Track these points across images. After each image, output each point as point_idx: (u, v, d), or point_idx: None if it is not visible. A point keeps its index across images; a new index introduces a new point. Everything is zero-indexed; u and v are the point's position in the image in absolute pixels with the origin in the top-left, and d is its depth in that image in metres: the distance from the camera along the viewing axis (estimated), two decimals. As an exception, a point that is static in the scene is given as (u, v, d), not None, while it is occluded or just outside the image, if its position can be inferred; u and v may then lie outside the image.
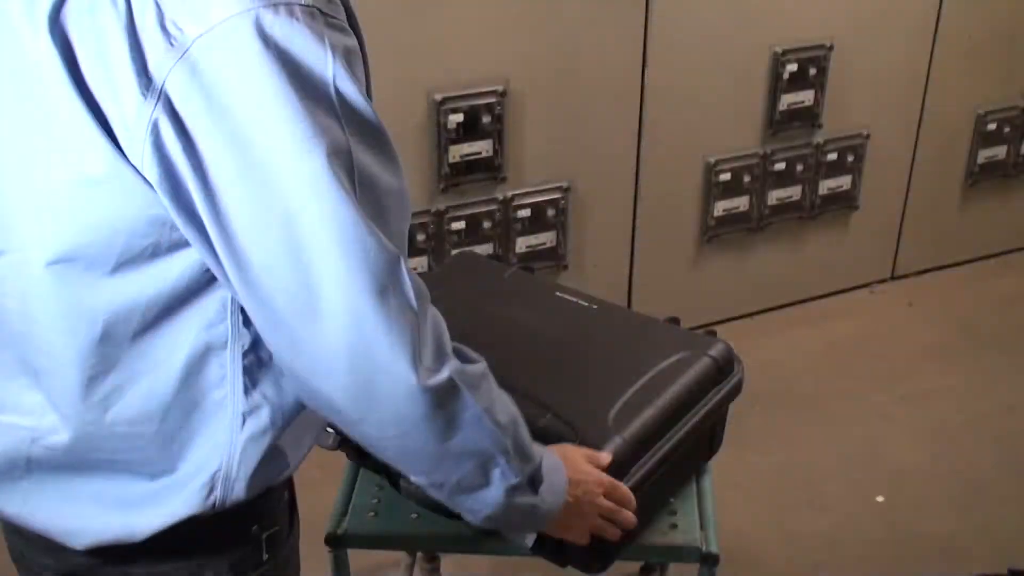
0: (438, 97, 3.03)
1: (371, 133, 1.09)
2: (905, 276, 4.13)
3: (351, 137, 1.06)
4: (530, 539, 1.54)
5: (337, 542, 1.70)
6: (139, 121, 1.02)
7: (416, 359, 1.09)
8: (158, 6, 1.01)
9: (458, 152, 3.09)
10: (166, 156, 1.03)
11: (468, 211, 3.17)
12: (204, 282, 1.11)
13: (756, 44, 3.45)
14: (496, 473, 1.24)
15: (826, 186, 3.76)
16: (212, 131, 1.02)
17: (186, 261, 1.10)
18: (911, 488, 3.05)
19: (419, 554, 2.38)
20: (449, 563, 2.51)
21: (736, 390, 1.80)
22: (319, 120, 1.03)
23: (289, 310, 1.07)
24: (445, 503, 1.29)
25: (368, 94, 1.14)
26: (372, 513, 1.74)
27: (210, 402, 1.16)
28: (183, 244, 1.09)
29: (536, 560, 1.62)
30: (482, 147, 3.08)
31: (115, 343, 1.12)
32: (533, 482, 1.31)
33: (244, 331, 1.14)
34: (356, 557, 1.78)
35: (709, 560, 1.67)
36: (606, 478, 1.49)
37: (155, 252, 1.09)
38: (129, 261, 1.09)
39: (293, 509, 1.38)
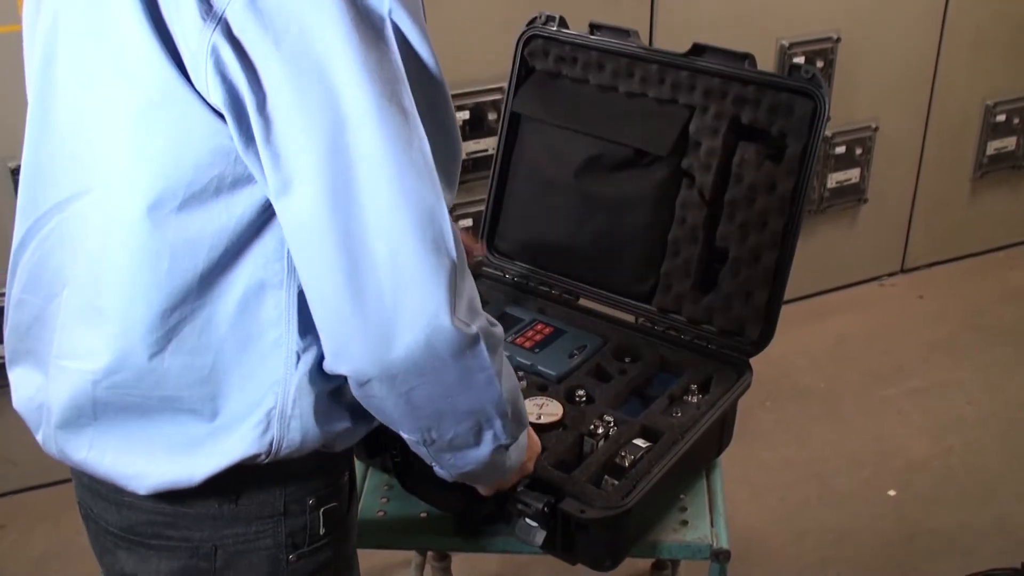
0: (444, 94, 3.02)
1: (424, 71, 1.11)
2: (915, 269, 4.13)
3: (406, 72, 1.07)
4: (540, 537, 1.54)
5: (354, 550, 1.69)
6: (200, 45, 1.04)
7: (452, 304, 1.10)
8: None
9: (465, 149, 3.08)
10: (227, 77, 1.04)
11: (475, 208, 3.16)
12: (265, 220, 1.13)
13: (763, 37, 3.44)
14: (489, 435, 1.27)
15: (835, 179, 3.75)
16: (272, 59, 1.03)
17: (249, 199, 1.11)
18: (922, 482, 3.05)
19: (429, 553, 2.38)
20: (459, 562, 2.51)
21: (746, 388, 1.80)
22: (376, 51, 1.04)
23: (323, 241, 1.08)
24: (425, 456, 1.31)
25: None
26: (381, 512, 1.74)
27: (266, 340, 1.18)
28: (245, 180, 1.11)
29: (546, 558, 1.61)
30: (488, 144, 3.07)
31: (181, 279, 1.14)
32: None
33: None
34: (366, 557, 1.77)
35: (720, 556, 1.67)
36: (539, 445, 1.54)
37: (219, 187, 1.11)
38: (195, 196, 1.11)
39: (352, 497, 1.40)
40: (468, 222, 3.17)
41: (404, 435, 1.26)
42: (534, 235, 2.04)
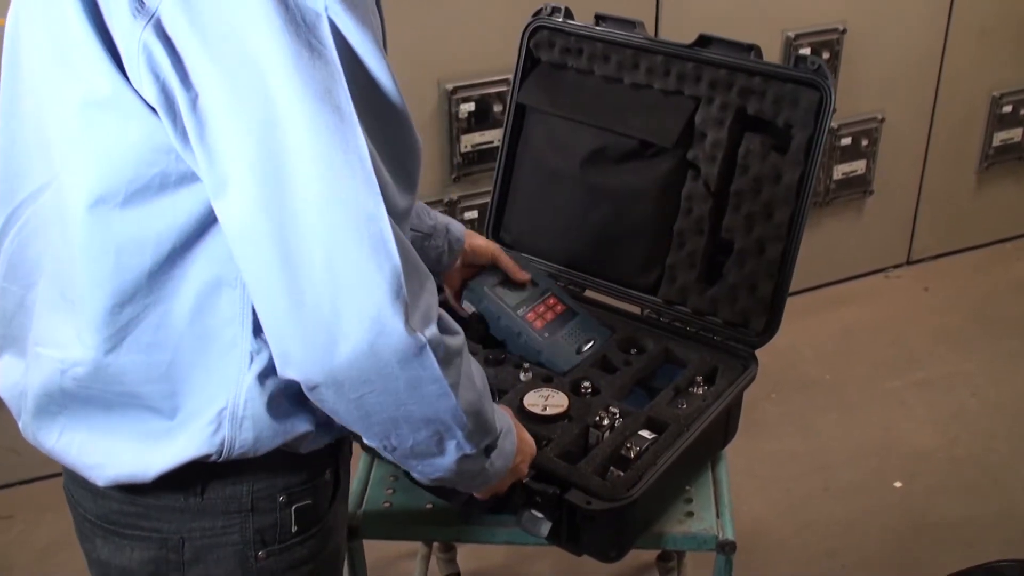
0: (449, 87, 3.03)
1: (365, 74, 1.07)
2: (920, 261, 4.12)
3: (346, 71, 1.04)
4: (545, 528, 1.54)
5: (352, 533, 1.70)
6: (132, 41, 1.03)
7: (398, 309, 1.07)
8: None
9: (470, 141, 3.09)
10: (160, 76, 1.03)
11: (481, 200, 3.16)
12: (214, 218, 1.11)
13: (769, 28, 3.43)
14: (451, 445, 1.24)
15: (840, 171, 3.74)
16: (202, 57, 1.02)
17: (196, 196, 1.10)
18: (928, 474, 3.04)
19: (435, 544, 2.38)
20: (464, 553, 2.51)
21: (751, 380, 1.80)
22: (308, 50, 1.02)
23: (257, 237, 1.06)
24: (395, 463, 1.29)
25: (383, 34, 1.14)
26: (387, 504, 1.74)
27: (222, 338, 1.17)
28: (191, 177, 1.09)
29: (551, 549, 1.62)
30: (494, 136, 3.07)
31: (130, 275, 1.14)
32: (487, 450, 1.33)
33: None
34: (372, 548, 1.78)
35: (726, 547, 1.67)
36: (534, 446, 1.52)
37: (163, 184, 1.10)
38: (138, 193, 1.10)
39: (335, 494, 1.38)
40: (473, 214, 3.17)
41: (365, 441, 1.24)
42: (539, 227, 2.04)
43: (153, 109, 1.06)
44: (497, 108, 3.05)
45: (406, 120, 1.12)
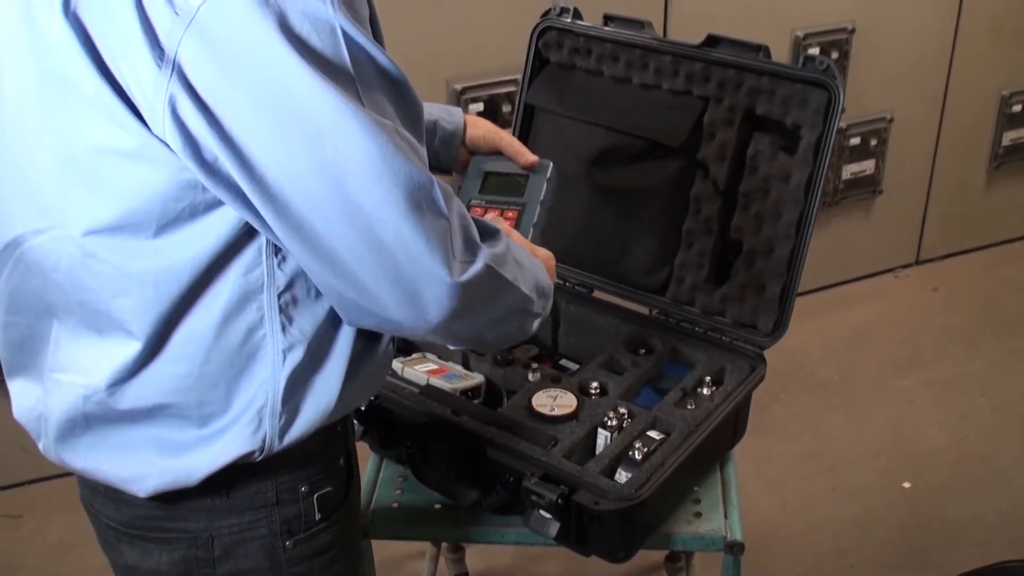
0: (458, 87, 3.03)
1: (381, 74, 1.12)
2: (930, 260, 4.11)
3: (360, 78, 1.09)
4: (554, 529, 1.54)
5: (361, 533, 1.70)
6: (156, 93, 1.05)
7: (449, 259, 1.15)
8: None
9: (479, 141, 3.09)
10: (184, 124, 1.06)
11: (489, 200, 3.16)
12: (243, 234, 1.15)
13: (777, 28, 3.43)
14: (528, 320, 1.34)
15: (849, 171, 3.74)
16: (228, 94, 1.04)
17: (225, 217, 1.14)
18: (937, 473, 3.04)
19: (444, 544, 2.39)
20: (473, 553, 2.51)
21: (760, 380, 1.80)
22: (328, 66, 1.06)
23: (333, 242, 1.11)
24: None
25: (377, 38, 1.17)
26: (395, 504, 1.74)
27: (251, 343, 1.21)
28: (219, 202, 1.12)
29: (559, 549, 1.62)
30: (502, 136, 3.07)
31: (170, 300, 1.16)
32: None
33: (279, 272, 1.19)
34: (381, 548, 1.78)
35: (734, 548, 1.67)
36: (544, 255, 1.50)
37: (193, 213, 1.13)
38: (169, 224, 1.13)
39: (351, 479, 1.43)
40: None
41: (453, 348, 1.33)
42: (548, 227, 2.03)
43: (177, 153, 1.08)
44: (506, 108, 3.05)
45: (408, 86, 1.16)
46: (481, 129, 1.75)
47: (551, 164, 1.67)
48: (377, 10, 1.20)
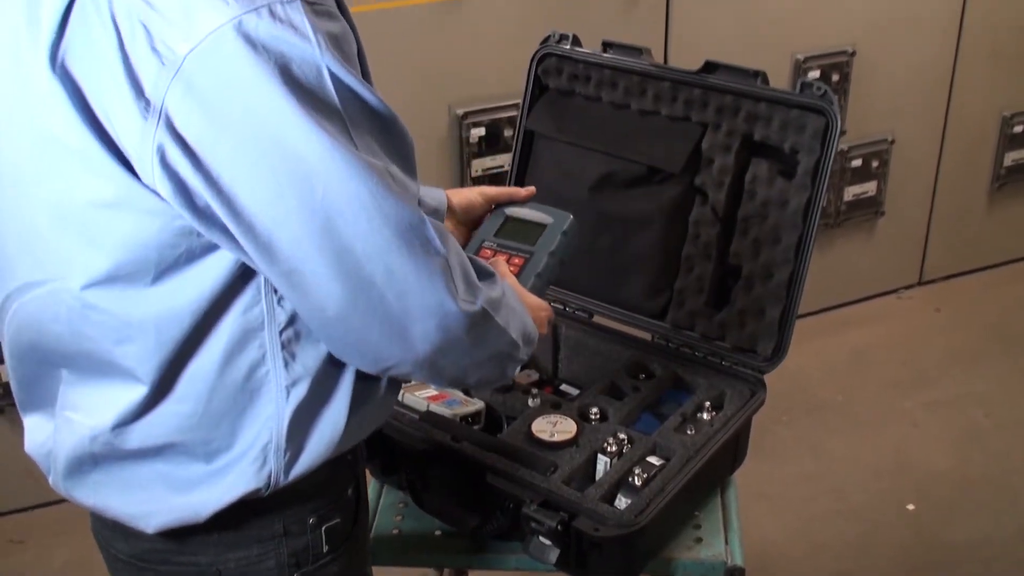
0: (460, 112, 3.05)
1: (370, 113, 1.13)
2: (932, 281, 4.12)
3: (350, 118, 1.10)
4: (553, 555, 1.54)
5: (369, 562, 1.70)
6: (143, 143, 1.06)
7: (451, 291, 1.17)
8: (146, 29, 1.04)
9: (480, 166, 3.11)
10: (175, 172, 1.06)
11: (491, 224, 3.17)
12: (241, 273, 1.16)
13: (778, 51, 3.45)
14: (510, 365, 1.35)
15: (851, 192, 3.75)
16: (216, 141, 1.05)
17: (222, 259, 1.14)
18: (941, 495, 3.04)
19: (446, 570, 2.38)
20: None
21: (760, 405, 1.80)
22: (318, 108, 1.06)
23: (323, 286, 1.12)
24: None
25: (365, 76, 1.19)
26: (396, 531, 1.74)
27: (254, 380, 1.21)
28: (215, 245, 1.13)
29: (560, 576, 1.62)
30: (504, 160, 3.08)
31: (169, 344, 1.17)
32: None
33: (279, 309, 1.19)
34: (381, 574, 1.78)
35: (735, 573, 1.66)
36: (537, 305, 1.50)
37: (190, 257, 1.13)
38: (167, 270, 1.14)
39: (358, 509, 1.43)
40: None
41: (434, 386, 1.33)
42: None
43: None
44: (508, 133, 3.07)
45: (397, 123, 1.17)
46: (466, 192, 1.72)
47: (571, 217, 1.65)
48: (364, 47, 1.21)
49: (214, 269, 1.14)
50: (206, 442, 1.22)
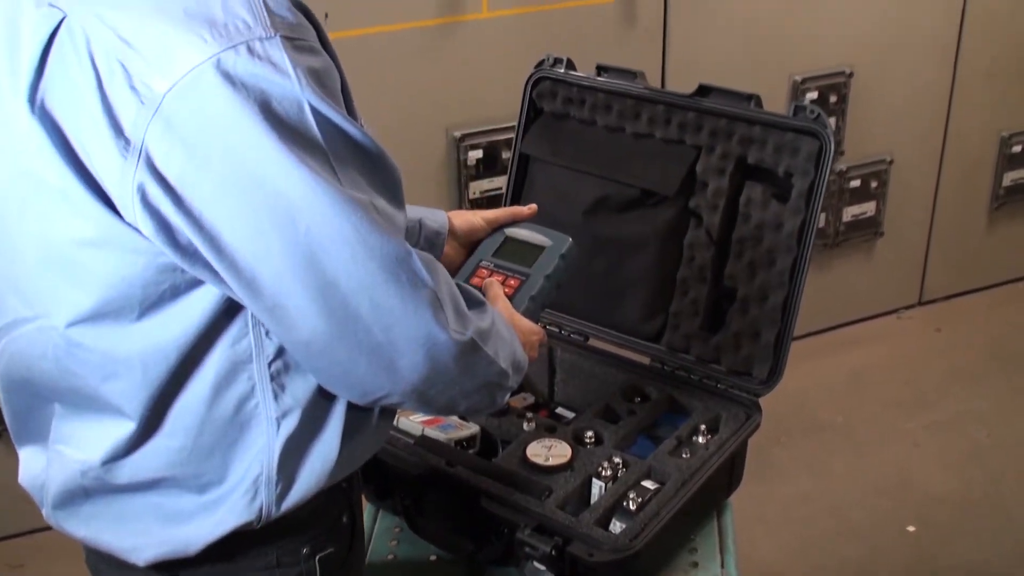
0: (457, 134, 3.05)
1: (354, 147, 1.12)
2: (932, 301, 4.11)
3: (333, 152, 1.09)
4: (549, 581, 1.54)
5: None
6: (123, 181, 1.05)
7: (441, 322, 1.16)
8: (124, 68, 1.04)
9: (478, 188, 3.11)
10: (156, 211, 1.06)
11: (490, 246, 3.17)
12: (227, 307, 1.15)
13: (775, 72, 3.45)
14: (499, 394, 1.33)
15: (850, 213, 3.75)
16: (197, 179, 1.05)
17: (207, 294, 1.14)
18: (942, 516, 3.02)
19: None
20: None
21: (755, 429, 1.80)
22: (300, 144, 1.06)
23: (309, 321, 1.11)
24: None
25: (350, 110, 1.18)
26: (391, 556, 1.74)
27: (243, 413, 1.20)
28: (200, 281, 1.13)
29: (555, 601, 1.61)
30: (502, 183, 3.09)
31: (156, 380, 1.17)
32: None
33: (267, 341, 1.18)
34: (377, 598, 1.78)
35: (731, 598, 1.67)
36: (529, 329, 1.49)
37: (174, 293, 1.13)
38: (152, 306, 1.13)
39: (354, 535, 1.42)
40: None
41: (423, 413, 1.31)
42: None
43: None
44: (505, 155, 3.07)
45: (383, 156, 1.16)
46: (468, 215, 1.71)
47: (570, 240, 1.64)
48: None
49: (199, 304, 1.14)
50: (197, 476, 1.22)
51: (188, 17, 1.04)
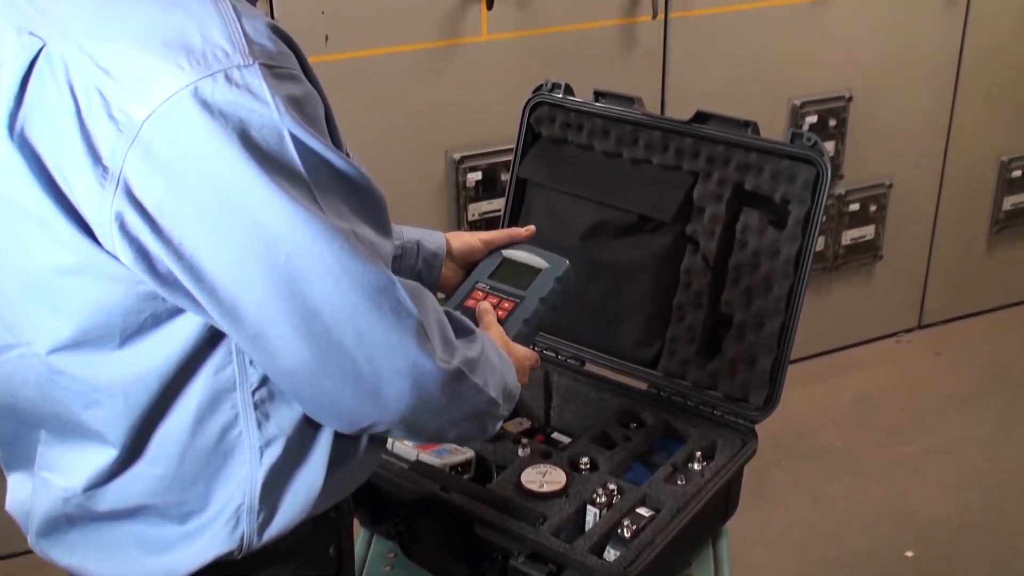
0: (457, 156, 3.06)
1: (336, 175, 1.11)
2: (932, 325, 4.11)
3: (314, 180, 1.08)
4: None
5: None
6: (101, 209, 1.05)
7: (426, 350, 1.15)
8: (103, 96, 1.04)
9: (477, 210, 3.11)
10: (135, 239, 1.06)
11: (489, 268, 3.17)
12: (210, 335, 1.15)
13: (775, 97, 3.46)
14: (490, 423, 1.33)
15: (849, 236, 3.75)
16: (175, 207, 1.04)
17: (189, 322, 1.13)
18: (941, 542, 3.01)
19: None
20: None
21: (751, 455, 1.79)
22: (280, 172, 1.05)
23: (292, 352, 1.10)
24: None
25: (334, 138, 1.17)
26: (385, 581, 1.74)
27: (226, 442, 1.20)
28: (181, 309, 1.12)
29: (549, 628, 1.60)
30: (501, 205, 3.07)
31: (138, 408, 1.16)
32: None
33: (251, 369, 1.18)
34: (371, 624, 1.77)
35: (726, 626, 1.66)
36: (522, 355, 1.49)
37: (156, 321, 1.13)
38: (134, 334, 1.13)
39: (341, 566, 1.41)
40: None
41: (412, 443, 1.29)
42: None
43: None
44: (504, 177, 3.07)
45: (367, 184, 1.15)
46: (466, 237, 1.72)
47: (566, 263, 1.65)
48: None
49: (181, 332, 1.13)
50: (179, 504, 1.21)
51: (166, 46, 1.03)
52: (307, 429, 1.23)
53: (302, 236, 1.06)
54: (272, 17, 2.61)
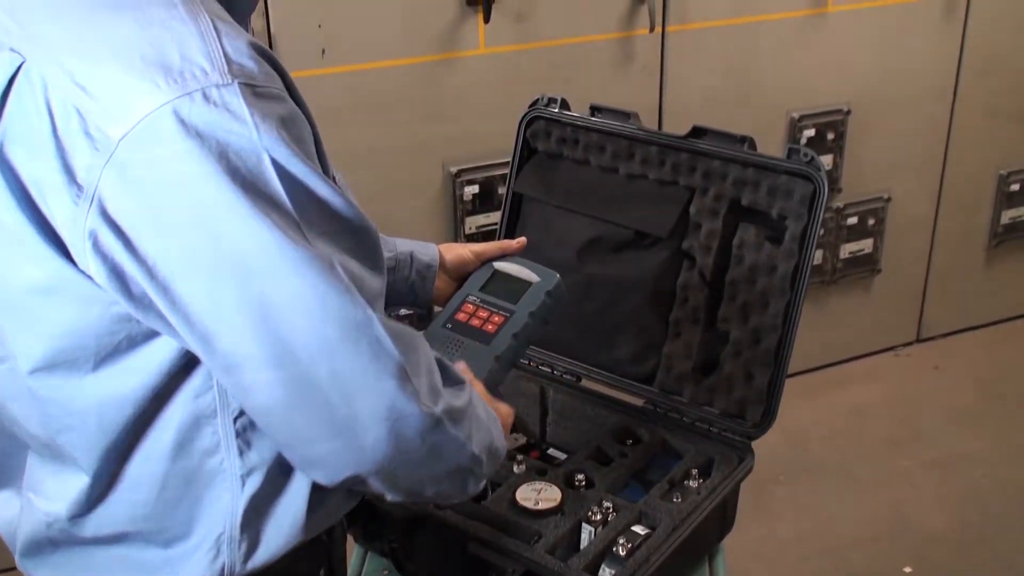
0: (453, 169, 3.05)
1: (319, 201, 1.08)
2: (930, 339, 4.10)
3: (295, 204, 1.05)
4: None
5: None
6: (75, 228, 1.03)
7: (408, 392, 1.11)
8: (80, 114, 1.02)
9: (474, 223, 3.11)
10: (109, 258, 1.04)
11: (486, 281, 3.17)
12: (187, 360, 1.13)
13: (773, 110, 3.46)
14: (471, 482, 1.28)
15: (847, 250, 3.75)
16: (150, 227, 1.02)
17: (165, 346, 1.11)
18: (940, 557, 3.01)
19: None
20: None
21: (747, 472, 1.78)
22: (258, 195, 1.02)
23: (267, 385, 1.07)
24: None
25: (321, 158, 1.14)
26: (379, 598, 1.73)
27: (208, 468, 1.18)
28: (157, 332, 1.10)
29: (544, 647, 1.60)
30: (498, 218, 3.07)
31: (115, 432, 1.14)
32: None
33: (232, 396, 1.16)
34: (365, 642, 1.76)
35: (722, 644, 1.65)
36: (504, 412, 1.45)
37: (131, 344, 1.11)
38: (108, 357, 1.11)
39: None
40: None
41: (390, 498, 1.23)
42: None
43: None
44: (501, 190, 3.07)
45: (355, 216, 1.12)
46: (459, 249, 1.70)
47: (557, 277, 1.63)
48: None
49: (157, 356, 1.11)
50: (162, 530, 1.20)
51: (144, 63, 1.01)
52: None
53: (278, 263, 1.03)
54: (269, 30, 2.61)
